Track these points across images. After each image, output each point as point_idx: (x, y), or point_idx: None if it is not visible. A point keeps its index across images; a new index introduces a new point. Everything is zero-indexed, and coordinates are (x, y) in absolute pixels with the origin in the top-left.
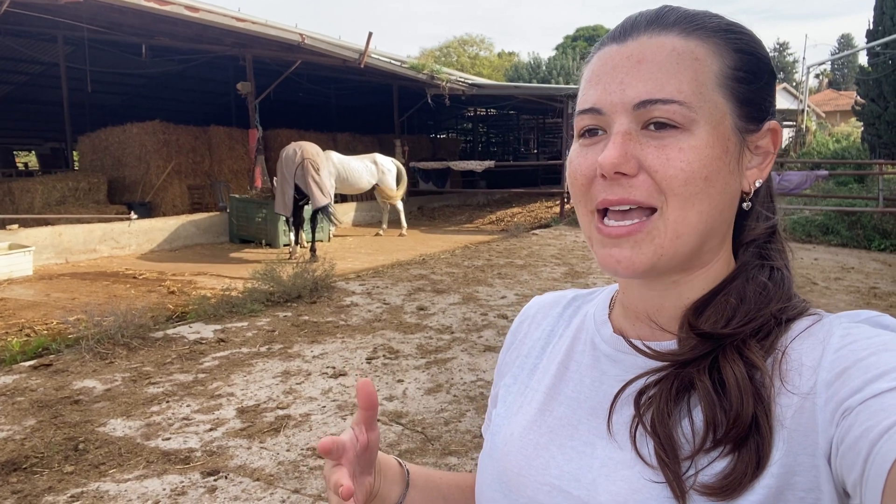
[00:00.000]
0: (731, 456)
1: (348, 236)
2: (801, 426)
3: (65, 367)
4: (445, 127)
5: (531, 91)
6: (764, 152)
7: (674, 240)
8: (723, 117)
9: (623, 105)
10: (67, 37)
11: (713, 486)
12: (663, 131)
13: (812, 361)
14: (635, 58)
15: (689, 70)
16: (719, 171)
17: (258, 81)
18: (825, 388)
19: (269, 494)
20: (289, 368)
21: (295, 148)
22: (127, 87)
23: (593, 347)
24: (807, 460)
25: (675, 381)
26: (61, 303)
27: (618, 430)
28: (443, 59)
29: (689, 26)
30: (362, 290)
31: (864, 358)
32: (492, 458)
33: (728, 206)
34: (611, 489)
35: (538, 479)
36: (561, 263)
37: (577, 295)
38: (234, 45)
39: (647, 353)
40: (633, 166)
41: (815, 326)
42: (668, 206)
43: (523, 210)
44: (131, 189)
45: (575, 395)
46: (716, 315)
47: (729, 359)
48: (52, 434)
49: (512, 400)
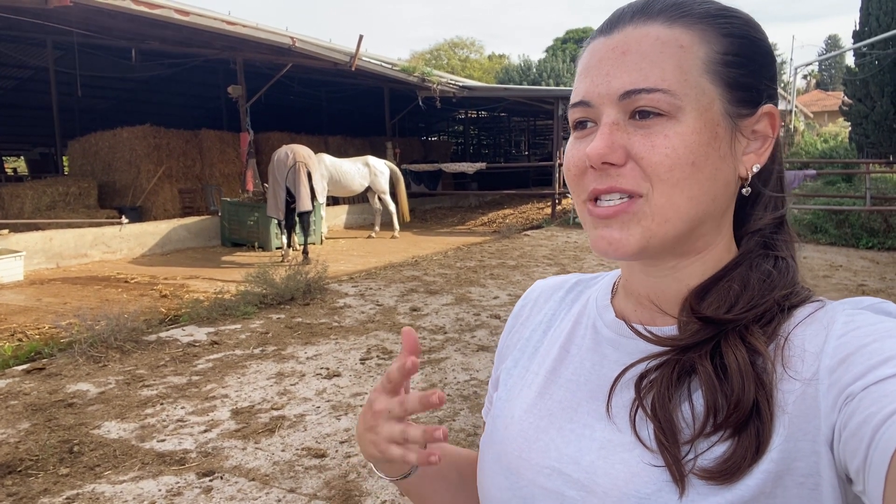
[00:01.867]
0: (731, 440)
1: (340, 238)
2: (802, 412)
3: (58, 370)
4: (437, 129)
5: (522, 93)
6: (762, 136)
7: (662, 223)
8: (711, 103)
9: (609, 96)
10: (56, 41)
11: (712, 471)
12: (649, 120)
13: (815, 347)
14: (620, 49)
15: (673, 58)
16: (707, 157)
17: (249, 85)
18: (828, 374)
19: (265, 494)
20: (283, 370)
21: (287, 151)
22: (117, 92)
23: (595, 331)
24: (807, 446)
25: (677, 365)
26: (53, 307)
27: (617, 413)
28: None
29: (674, 14)
30: (355, 292)
31: (868, 344)
32: (492, 441)
33: (722, 191)
34: (609, 472)
35: (538, 461)
36: (553, 264)
37: (579, 279)
38: (225, 48)
39: (649, 338)
40: (621, 156)
41: (819, 313)
42: (654, 191)
43: (515, 211)
44: (122, 193)
45: (575, 378)
46: (718, 300)
47: (731, 344)
48: (47, 437)
49: (513, 383)
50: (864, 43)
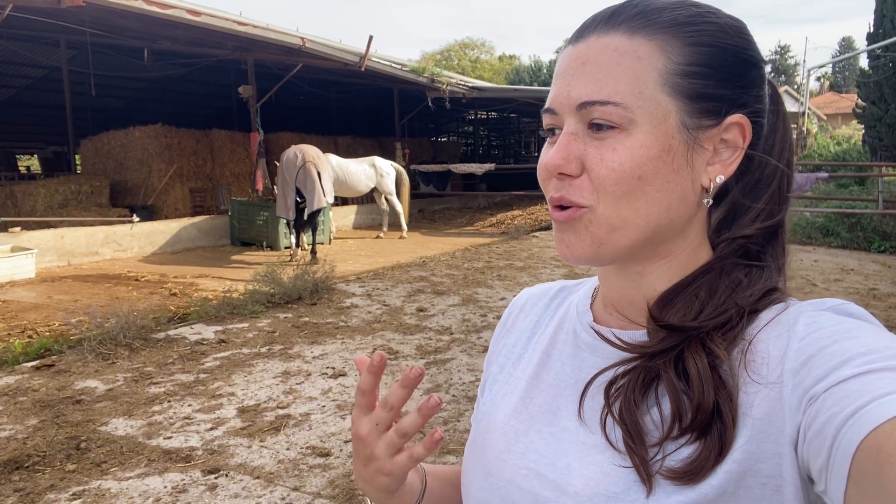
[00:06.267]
0: (697, 443)
1: (349, 239)
2: (766, 414)
3: (67, 367)
4: (446, 130)
5: (531, 94)
6: (732, 146)
7: (609, 232)
8: (666, 116)
9: (569, 106)
10: (70, 41)
11: (677, 471)
12: (603, 132)
13: (778, 351)
14: (581, 59)
15: (629, 70)
16: (657, 171)
17: (259, 85)
18: (791, 377)
19: (269, 492)
20: (289, 369)
21: (296, 151)
22: (129, 91)
23: (574, 336)
24: (770, 448)
25: (643, 372)
26: (63, 305)
27: (590, 417)
28: (444, 62)
29: (637, 24)
30: (362, 292)
31: (828, 346)
32: (475, 444)
33: (678, 202)
34: (583, 473)
35: (517, 462)
36: (561, 265)
37: (564, 286)
38: (236, 48)
39: (619, 345)
40: (576, 167)
41: (782, 316)
42: (600, 203)
43: (523, 212)
44: (133, 192)
45: (556, 383)
46: (685, 308)
47: (693, 351)
48: (55, 433)
49: (497, 388)
50: (879, 45)
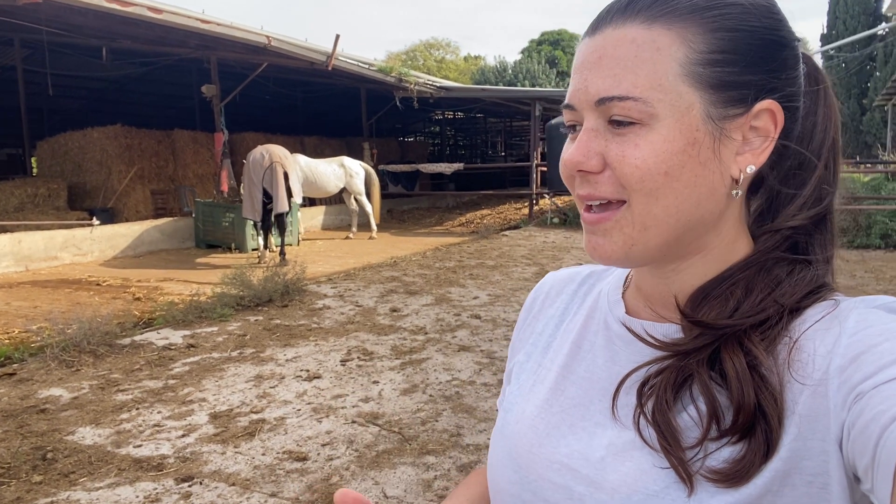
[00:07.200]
0: (740, 444)
1: (318, 240)
2: (812, 411)
3: (29, 375)
4: (413, 130)
5: (498, 94)
6: (763, 134)
7: (642, 231)
8: (689, 108)
9: (588, 102)
10: (25, 39)
11: (721, 472)
12: (624, 128)
13: (825, 348)
14: (597, 52)
15: (647, 62)
16: (683, 165)
17: (223, 84)
18: (838, 374)
19: (246, 499)
20: (262, 372)
21: (263, 151)
22: (87, 91)
23: (606, 328)
24: (817, 445)
25: (676, 372)
26: (23, 311)
27: (624, 414)
28: (410, 62)
29: (656, 12)
30: (334, 293)
31: (879, 344)
32: (503, 435)
33: (707, 196)
34: (620, 469)
35: (548, 457)
36: (531, 263)
37: (592, 272)
38: (199, 47)
39: (652, 343)
40: (597, 163)
41: (832, 313)
42: (633, 199)
43: (492, 212)
44: (93, 195)
45: (588, 376)
46: (719, 306)
47: (730, 351)
48: (19, 444)
49: (525, 377)
50: (832, 46)
